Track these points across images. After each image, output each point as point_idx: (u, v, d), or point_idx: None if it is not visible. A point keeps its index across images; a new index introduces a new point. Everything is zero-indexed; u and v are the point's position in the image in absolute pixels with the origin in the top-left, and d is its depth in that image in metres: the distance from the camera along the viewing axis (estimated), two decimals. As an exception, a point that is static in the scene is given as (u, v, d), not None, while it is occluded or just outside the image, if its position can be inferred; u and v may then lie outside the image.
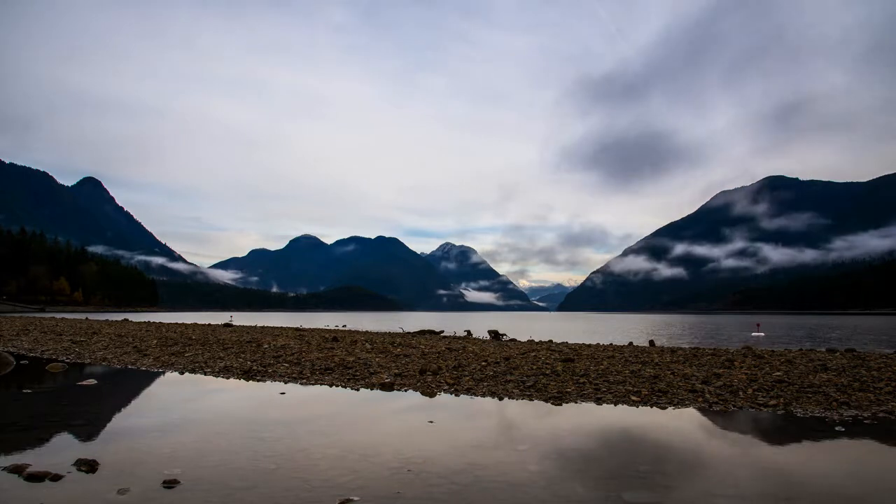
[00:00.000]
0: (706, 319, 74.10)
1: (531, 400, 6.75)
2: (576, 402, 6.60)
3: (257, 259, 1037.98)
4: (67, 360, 10.71)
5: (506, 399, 6.84)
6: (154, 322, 29.86)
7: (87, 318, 35.37)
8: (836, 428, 5.35)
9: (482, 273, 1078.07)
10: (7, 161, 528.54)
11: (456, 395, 7.09)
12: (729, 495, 3.45)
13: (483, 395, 7.05)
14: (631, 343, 16.67)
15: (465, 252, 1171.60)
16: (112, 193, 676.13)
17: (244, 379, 8.39)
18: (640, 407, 6.35)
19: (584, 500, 3.38)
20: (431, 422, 5.53)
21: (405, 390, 7.43)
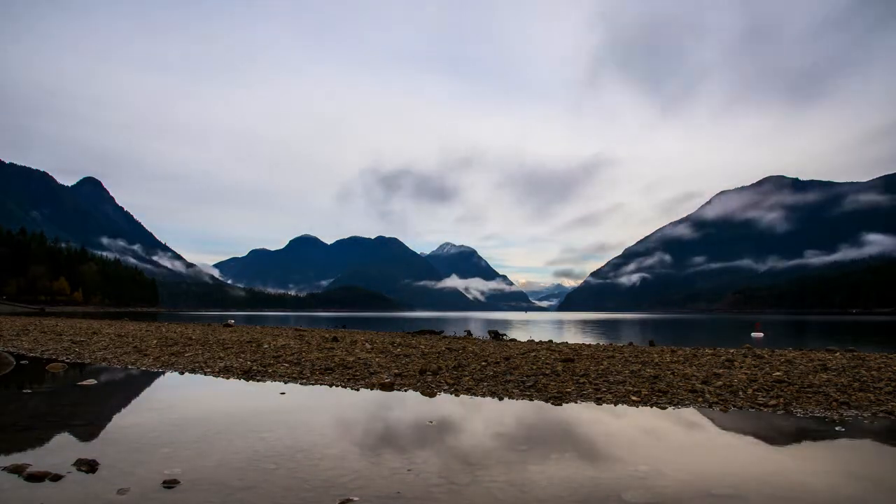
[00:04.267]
0: (706, 319, 74.12)
1: (531, 400, 6.75)
2: (576, 402, 6.60)
3: (257, 259, 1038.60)
4: (67, 360, 10.70)
5: (506, 399, 6.84)
6: (154, 322, 29.86)
7: (86, 319, 35.37)
8: (836, 428, 5.35)
9: (482, 273, 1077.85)
10: (7, 161, 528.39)
11: (456, 395, 7.09)
12: (729, 495, 3.45)
13: (483, 395, 7.05)
14: (631, 343, 16.68)
15: (464, 252, 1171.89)
16: (112, 193, 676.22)
17: (244, 379, 8.39)
18: (640, 407, 6.35)
19: (585, 500, 3.38)
20: (431, 422, 5.53)
21: (405, 390, 7.43)
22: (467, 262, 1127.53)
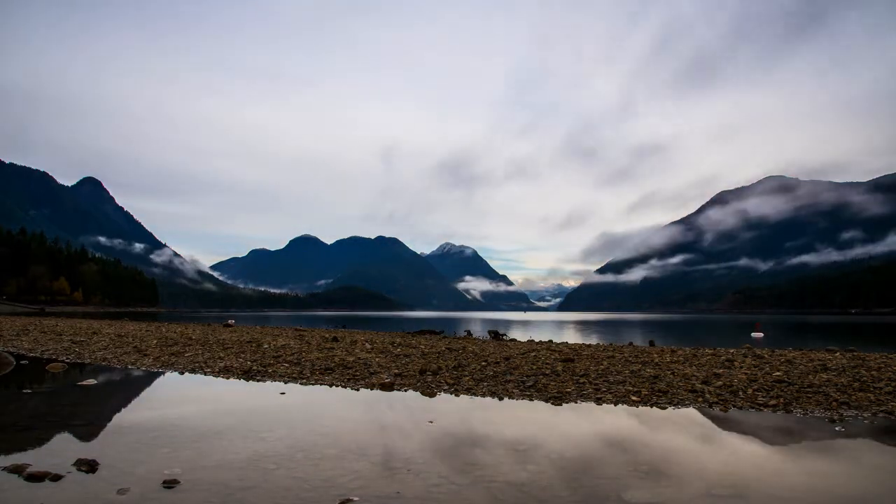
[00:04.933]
0: (706, 319, 74.14)
1: (531, 400, 6.75)
2: (576, 402, 6.60)
3: (257, 259, 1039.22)
4: (67, 360, 10.70)
5: (506, 399, 6.84)
6: (154, 322, 29.86)
7: (86, 319, 35.36)
8: (836, 428, 5.35)
9: (482, 273, 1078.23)
10: (7, 161, 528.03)
11: (456, 395, 7.09)
12: (729, 495, 3.45)
13: (483, 395, 7.05)
14: (631, 343, 16.68)
15: (464, 252, 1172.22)
16: (112, 193, 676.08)
17: (244, 379, 8.39)
18: (640, 407, 6.35)
19: (585, 500, 3.38)
20: (431, 422, 5.53)
21: (405, 390, 7.43)
22: (467, 262, 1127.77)
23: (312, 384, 7.93)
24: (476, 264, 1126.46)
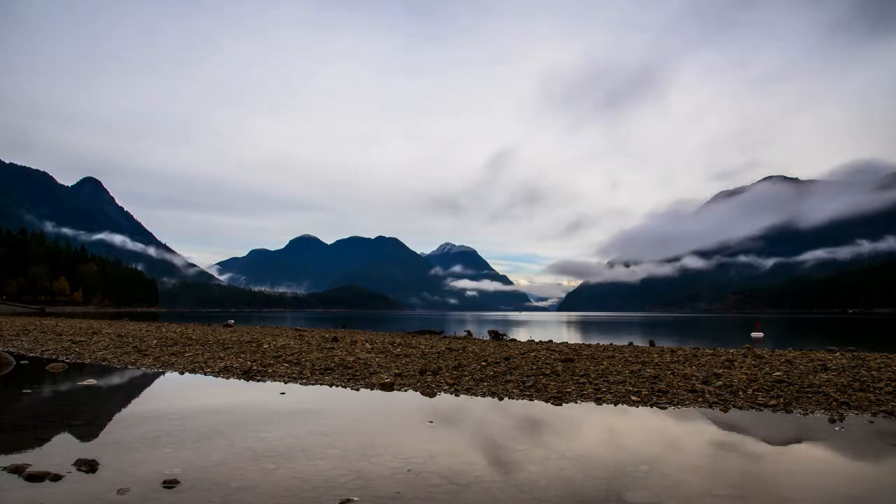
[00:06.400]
0: (706, 319, 74.16)
1: (531, 400, 6.75)
2: (576, 402, 6.60)
3: (257, 259, 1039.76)
4: (67, 360, 10.70)
5: (506, 399, 6.84)
6: (154, 322, 29.86)
7: (86, 319, 35.35)
8: (836, 428, 5.35)
9: (482, 273, 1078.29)
10: (7, 161, 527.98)
11: (456, 395, 7.09)
12: (729, 495, 3.45)
13: (483, 395, 7.05)
14: (631, 343, 16.68)
15: (465, 252, 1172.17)
16: (112, 193, 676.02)
17: (244, 379, 8.39)
18: (640, 407, 6.35)
19: (585, 501, 3.38)
20: (431, 422, 5.53)
21: (405, 390, 7.43)
22: (468, 262, 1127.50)
23: (312, 384, 7.93)
24: (476, 264, 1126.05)
